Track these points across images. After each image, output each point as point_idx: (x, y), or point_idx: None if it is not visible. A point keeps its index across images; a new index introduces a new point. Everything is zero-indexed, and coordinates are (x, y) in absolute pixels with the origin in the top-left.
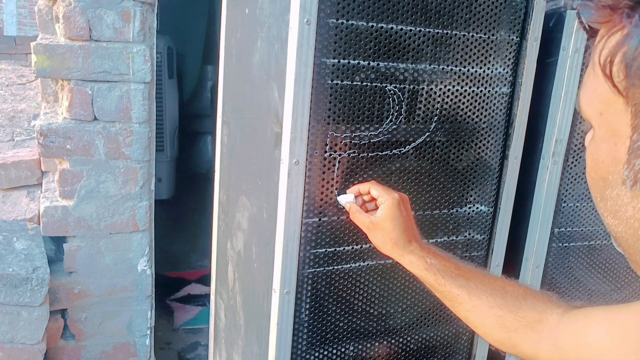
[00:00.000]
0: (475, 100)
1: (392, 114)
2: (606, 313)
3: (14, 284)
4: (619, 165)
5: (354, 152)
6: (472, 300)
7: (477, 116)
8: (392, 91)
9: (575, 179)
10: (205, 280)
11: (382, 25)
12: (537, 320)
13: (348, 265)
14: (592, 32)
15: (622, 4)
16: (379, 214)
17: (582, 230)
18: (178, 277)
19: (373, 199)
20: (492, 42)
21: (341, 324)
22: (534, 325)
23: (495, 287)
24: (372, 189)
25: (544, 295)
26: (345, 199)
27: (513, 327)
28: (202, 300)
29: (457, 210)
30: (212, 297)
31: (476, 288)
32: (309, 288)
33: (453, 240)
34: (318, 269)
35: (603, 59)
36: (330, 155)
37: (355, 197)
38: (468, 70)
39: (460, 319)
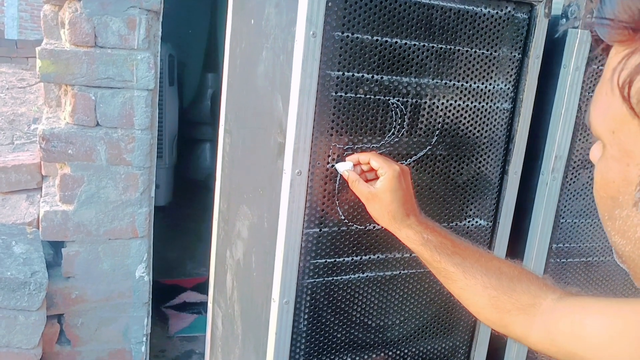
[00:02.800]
0: (477, 115)
1: (394, 127)
2: (605, 307)
3: (11, 288)
4: (631, 187)
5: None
6: (466, 279)
7: (478, 131)
8: (394, 104)
9: (574, 196)
10: (201, 287)
11: (387, 39)
12: (530, 304)
13: (347, 277)
14: (606, 48)
15: None
16: (379, 185)
17: (580, 246)
18: (174, 284)
19: (372, 170)
20: (494, 58)
21: (339, 335)
22: (527, 308)
23: (490, 267)
24: (373, 159)
25: (539, 278)
26: (344, 167)
27: (506, 309)
28: (198, 308)
29: (456, 224)
30: (210, 305)
31: (471, 267)
32: (308, 298)
33: None
34: (317, 280)
35: (622, 81)
36: (333, 166)
37: (354, 165)
38: (470, 85)
39: (453, 295)
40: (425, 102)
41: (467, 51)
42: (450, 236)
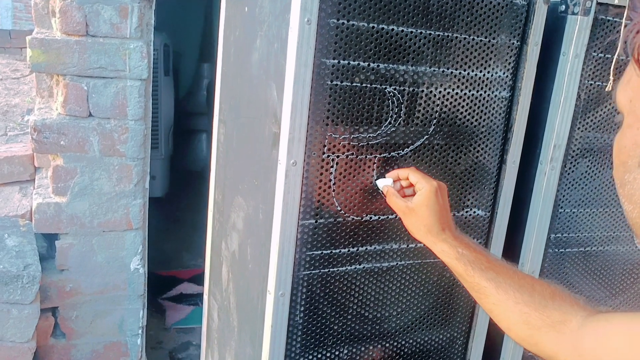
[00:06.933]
0: (475, 104)
1: (391, 116)
2: (628, 320)
3: (4, 281)
4: (638, 149)
5: (352, 154)
6: (499, 294)
7: (476, 120)
8: (391, 93)
9: (572, 185)
10: (198, 279)
11: (383, 26)
12: (560, 321)
13: (344, 268)
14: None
15: None
16: (416, 200)
17: (578, 236)
18: (170, 276)
19: (411, 185)
20: (492, 45)
21: (336, 327)
22: (557, 325)
23: (523, 284)
24: (411, 175)
25: (572, 297)
26: (384, 183)
27: (537, 326)
28: (195, 299)
29: (454, 214)
30: (206, 297)
31: (504, 282)
32: (304, 290)
33: None
34: (313, 271)
35: (635, 46)
36: (328, 156)
37: (394, 181)
38: (468, 73)
39: (485, 311)
40: (423, 91)
41: (464, 38)
42: (485, 252)
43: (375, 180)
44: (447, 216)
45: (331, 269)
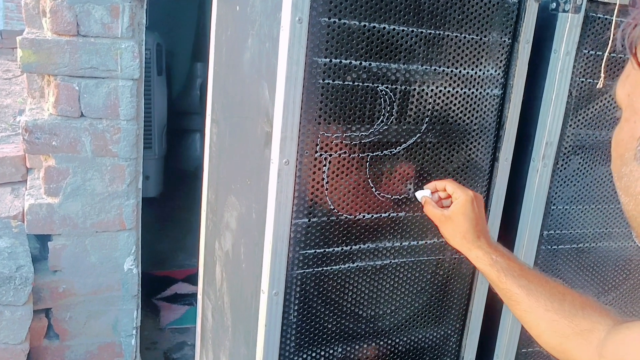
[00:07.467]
0: (467, 102)
1: (384, 115)
2: None
3: None
4: (635, 142)
5: (345, 153)
6: (529, 301)
7: (468, 118)
8: (383, 91)
9: (565, 182)
10: (192, 279)
11: (375, 24)
12: (588, 329)
13: (337, 267)
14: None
15: None
16: (452, 208)
17: (571, 233)
18: (165, 276)
19: (449, 196)
20: (484, 43)
21: (330, 326)
22: (585, 334)
23: (554, 292)
24: (448, 185)
25: (603, 308)
26: (422, 194)
27: (565, 334)
28: (189, 299)
29: None
30: (200, 297)
31: (536, 290)
32: (298, 289)
33: (442, 242)
34: (307, 270)
35: (632, 40)
36: (321, 155)
37: (432, 192)
38: (460, 71)
39: (516, 318)
40: (415, 89)
41: (456, 36)
42: (518, 261)
43: (414, 192)
44: (483, 225)
45: (325, 268)
